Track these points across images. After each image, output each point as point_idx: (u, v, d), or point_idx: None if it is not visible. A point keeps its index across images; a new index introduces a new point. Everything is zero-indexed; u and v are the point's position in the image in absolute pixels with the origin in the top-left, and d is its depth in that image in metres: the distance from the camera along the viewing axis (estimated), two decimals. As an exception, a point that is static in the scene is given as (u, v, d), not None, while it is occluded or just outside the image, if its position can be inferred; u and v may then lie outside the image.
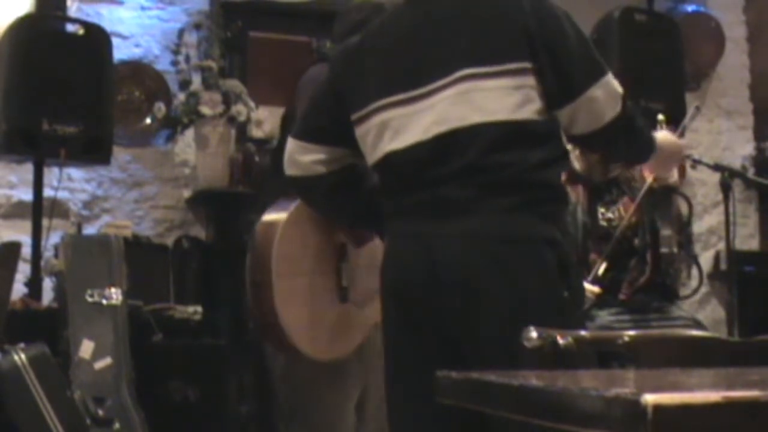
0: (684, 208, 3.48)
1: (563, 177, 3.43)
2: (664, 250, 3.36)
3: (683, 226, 3.49)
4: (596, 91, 2.12)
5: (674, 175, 3.38)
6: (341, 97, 2.26)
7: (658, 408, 0.88)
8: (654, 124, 3.49)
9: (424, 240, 2.08)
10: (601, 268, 3.33)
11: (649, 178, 3.36)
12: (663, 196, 3.39)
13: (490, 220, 2.05)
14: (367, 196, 2.33)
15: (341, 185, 2.35)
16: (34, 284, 3.91)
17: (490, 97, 2.07)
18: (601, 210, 3.43)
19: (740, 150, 5.80)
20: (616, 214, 3.42)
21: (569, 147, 3.41)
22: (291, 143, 2.33)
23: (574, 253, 3.37)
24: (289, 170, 2.34)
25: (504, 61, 2.08)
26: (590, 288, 3.32)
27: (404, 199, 2.15)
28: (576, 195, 3.43)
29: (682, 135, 3.74)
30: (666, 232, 3.37)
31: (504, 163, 2.06)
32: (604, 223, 3.41)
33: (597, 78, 2.14)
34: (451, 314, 2.05)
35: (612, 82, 2.17)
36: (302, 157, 2.30)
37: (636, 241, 3.42)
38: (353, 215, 2.46)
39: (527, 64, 2.08)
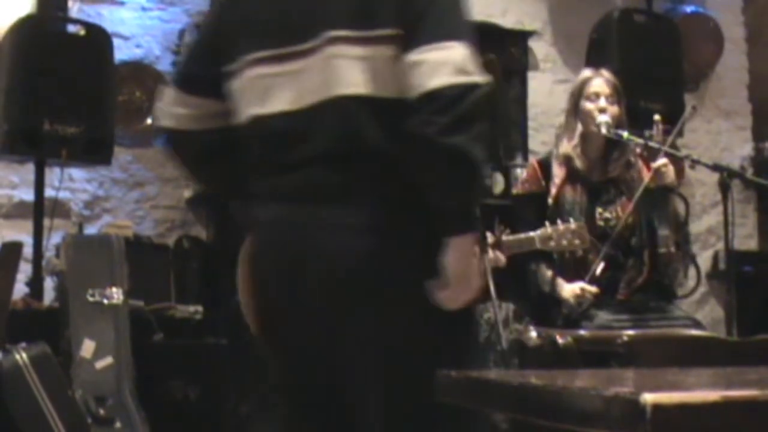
0: (681, 208, 3.48)
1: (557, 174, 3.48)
2: (661, 250, 3.36)
3: (680, 226, 3.48)
4: (429, 54, 1.79)
5: (671, 175, 3.38)
6: (218, 44, 2.05)
7: (657, 407, 0.89)
8: (650, 124, 3.52)
9: (291, 227, 1.92)
10: (599, 269, 3.33)
11: (647, 178, 3.36)
12: (660, 196, 3.39)
13: (359, 210, 1.87)
14: (240, 166, 2.07)
15: (215, 149, 2.12)
16: (35, 284, 3.92)
17: (352, 67, 1.85)
18: (599, 210, 3.43)
19: (739, 150, 5.81)
20: (614, 214, 3.42)
21: (570, 146, 3.47)
22: (167, 92, 2.11)
23: (572, 253, 3.38)
24: (163, 121, 2.12)
25: (374, 25, 1.85)
26: (588, 288, 3.32)
27: (267, 181, 1.97)
28: (574, 194, 3.43)
29: (680, 134, 3.75)
30: (663, 232, 3.37)
31: (364, 152, 1.87)
32: (601, 223, 3.41)
33: (438, 39, 1.79)
34: (318, 306, 1.90)
35: (461, 52, 1.80)
36: (178, 109, 2.08)
37: (633, 241, 3.43)
38: (225, 186, 2.24)
39: (394, 31, 1.84)
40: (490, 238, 2.77)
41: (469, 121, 1.78)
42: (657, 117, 3.47)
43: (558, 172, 3.45)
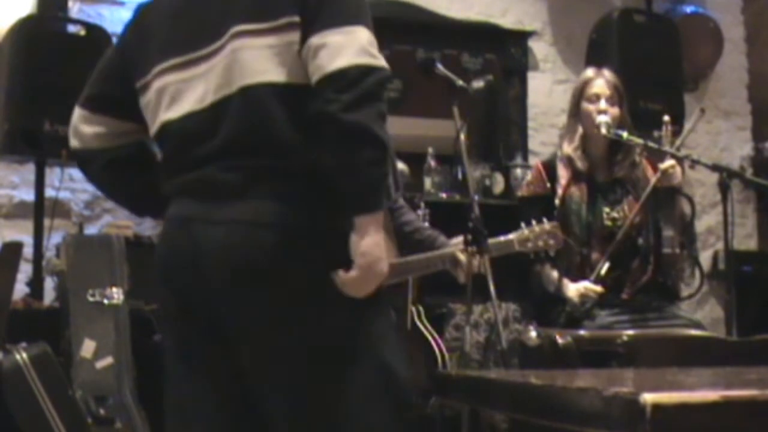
0: (687, 208, 3.48)
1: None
2: (666, 250, 3.37)
3: (686, 227, 3.49)
4: (332, 37, 1.80)
5: (679, 176, 3.39)
6: (127, 63, 2.06)
7: (657, 407, 0.90)
8: (659, 126, 3.52)
9: (189, 225, 1.90)
10: (604, 268, 3.33)
11: (654, 179, 3.37)
12: (667, 197, 3.39)
13: (257, 206, 1.85)
14: (154, 178, 2.07)
15: (124, 163, 2.13)
16: (35, 284, 3.92)
17: (258, 57, 1.86)
18: (606, 209, 3.44)
19: (738, 150, 5.82)
20: (621, 213, 3.43)
21: (571, 148, 3.47)
22: (76, 111, 2.12)
23: (577, 253, 3.39)
24: (71, 141, 2.13)
25: (275, 16, 1.86)
26: (592, 287, 3.33)
27: (176, 179, 1.96)
28: (580, 194, 3.44)
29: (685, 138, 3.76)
30: (668, 232, 3.37)
31: (269, 144, 1.85)
32: (608, 223, 3.42)
33: (340, 24, 1.81)
34: (215, 301, 1.87)
35: (363, 36, 1.82)
36: (84, 128, 2.10)
37: (640, 241, 3.43)
38: (137, 199, 2.23)
39: (295, 18, 1.85)
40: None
41: (370, 99, 1.78)
42: (666, 118, 3.47)
43: (563, 173, 3.46)
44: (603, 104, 3.43)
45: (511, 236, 3.11)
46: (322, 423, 1.85)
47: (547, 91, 5.42)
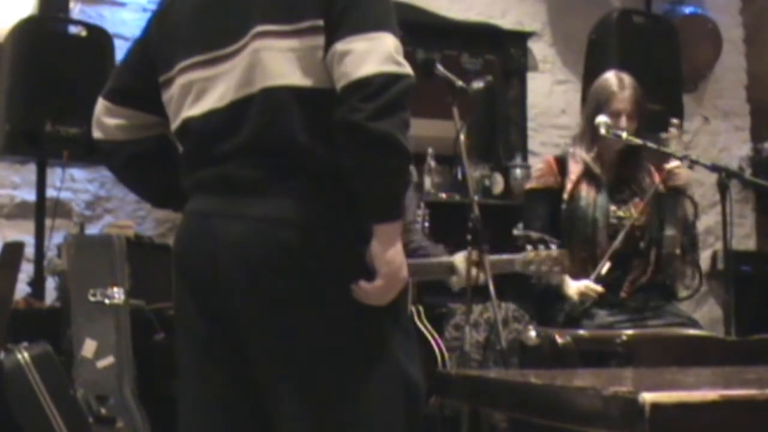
0: (690, 210, 3.49)
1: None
2: (665, 250, 3.38)
3: (688, 228, 3.49)
4: (357, 44, 1.79)
5: (683, 178, 3.39)
6: (150, 57, 2.07)
7: (656, 406, 0.90)
8: (666, 128, 3.52)
9: (208, 220, 1.90)
10: (604, 268, 3.34)
11: (658, 180, 3.39)
12: (671, 198, 3.40)
13: (278, 203, 1.84)
14: (175, 172, 2.06)
15: (146, 156, 2.15)
16: (37, 284, 3.93)
17: (280, 59, 1.85)
18: (613, 208, 3.45)
19: (737, 151, 5.83)
20: (627, 213, 3.44)
21: (588, 156, 3.46)
22: (99, 103, 2.13)
23: (583, 249, 3.39)
24: (94, 132, 2.14)
25: (298, 18, 1.85)
26: (593, 286, 3.33)
27: (195, 175, 1.96)
28: (588, 191, 3.45)
29: (689, 144, 3.75)
30: (670, 232, 3.38)
31: (289, 146, 1.85)
32: (614, 221, 3.43)
33: (366, 30, 1.80)
34: (232, 298, 1.86)
35: (389, 42, 1.81)
36: (107, 120, 2.10)
37: (643, 242, 3.44)
38: (158, 192, 2.24)
39: (320, 22, 1.84)
40: (474, 255, 2.70)
41: (396, 108, 1.78)
42: (675, 121, 3.48)
43: (574, 169, 3.46)
44: (623, 122, 3.39)
45: (515, 256, 3.06)
46: (336, 425, 1.85)
47: (546, 91, 5.43)
